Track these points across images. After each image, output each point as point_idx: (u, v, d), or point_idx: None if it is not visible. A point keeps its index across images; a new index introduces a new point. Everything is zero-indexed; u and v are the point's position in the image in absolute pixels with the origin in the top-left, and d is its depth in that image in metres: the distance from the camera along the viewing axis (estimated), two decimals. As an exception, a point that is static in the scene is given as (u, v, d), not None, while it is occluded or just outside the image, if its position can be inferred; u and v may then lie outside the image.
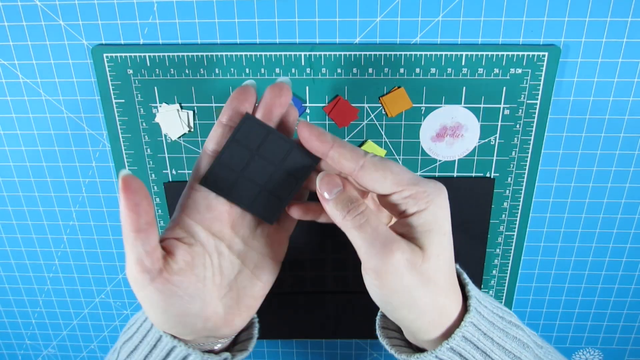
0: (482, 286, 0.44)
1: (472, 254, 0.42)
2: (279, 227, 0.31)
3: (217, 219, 0.29)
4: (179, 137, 0.39)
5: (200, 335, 0.28)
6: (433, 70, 0.36)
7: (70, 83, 0.38)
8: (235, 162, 0.30)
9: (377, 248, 0.25)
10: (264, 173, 0.30)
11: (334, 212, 0.27)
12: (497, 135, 0.38)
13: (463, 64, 0.36)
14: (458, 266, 0.30)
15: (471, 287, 0.29)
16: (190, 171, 0.40)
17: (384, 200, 0.27)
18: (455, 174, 0.40)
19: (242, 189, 0.30)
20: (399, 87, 0.37)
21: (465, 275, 0.30)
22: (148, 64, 0.37)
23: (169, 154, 0.40)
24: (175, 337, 0.28)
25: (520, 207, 0.41)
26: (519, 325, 0.29)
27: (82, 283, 0.47)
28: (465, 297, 0.29)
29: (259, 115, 0.28)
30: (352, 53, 0.36)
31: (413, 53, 0.36)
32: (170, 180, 0.41)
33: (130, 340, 0.29)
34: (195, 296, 0.27)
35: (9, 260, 0.47)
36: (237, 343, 0.33)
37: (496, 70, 0.36)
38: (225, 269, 0.29)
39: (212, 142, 0.28)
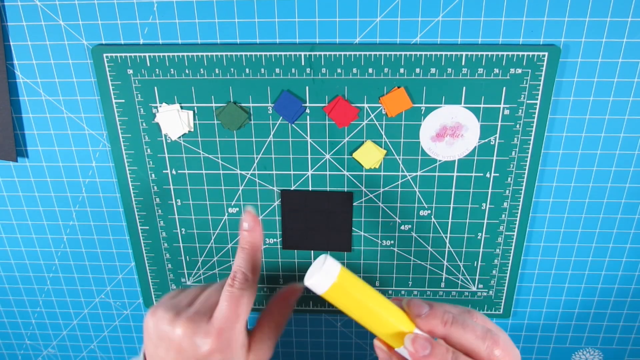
0: (482, 286, 0.44)
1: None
2: None
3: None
4: (179, 137, 0.40)
5: None
6: (433, 70, 0.36)
7: (70, 83, 0.38)
8: (296, 221, 0.40)
9: None
10: (320, 220, 0.40)
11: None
12: (497, 135, 0.38)
13: (463, 64, 0.36)
14: None
15: None
16: (190, 171, 0.41)
17: None
18: (455, 174, 0.40)
19: (313, 238, 0.40)
20: (399, 87, 0.37)
21: None
22: (148, 64, 0.37)
23: (169, 154, 0.40)
24: None
25: (520, 207, 0.41)
26: None
27: (82, 283, 0.47)
28: None
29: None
30: (352, 53, 0.36)
31: (413, 53, 0.36)
32: (171, 178, 0.41)
33: None
34: None
35: (9, 260, 0.47)
36: None
37: (496, 70, 0.36)
38: None
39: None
